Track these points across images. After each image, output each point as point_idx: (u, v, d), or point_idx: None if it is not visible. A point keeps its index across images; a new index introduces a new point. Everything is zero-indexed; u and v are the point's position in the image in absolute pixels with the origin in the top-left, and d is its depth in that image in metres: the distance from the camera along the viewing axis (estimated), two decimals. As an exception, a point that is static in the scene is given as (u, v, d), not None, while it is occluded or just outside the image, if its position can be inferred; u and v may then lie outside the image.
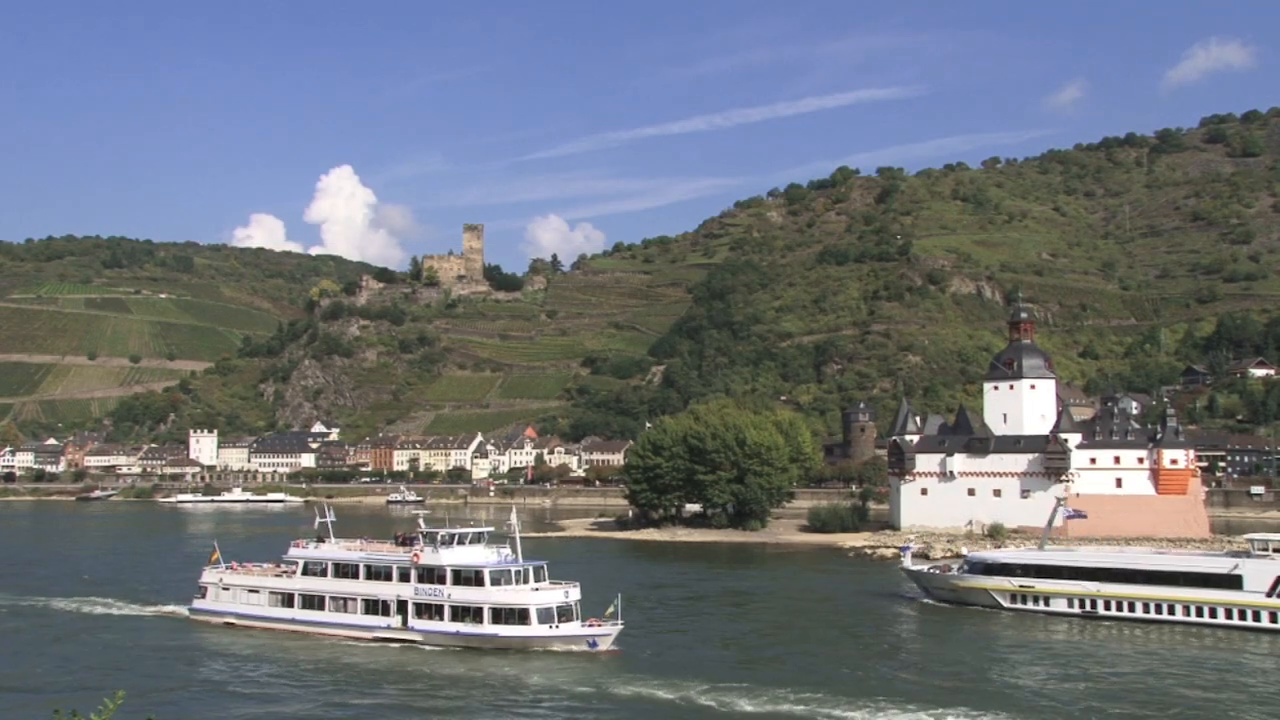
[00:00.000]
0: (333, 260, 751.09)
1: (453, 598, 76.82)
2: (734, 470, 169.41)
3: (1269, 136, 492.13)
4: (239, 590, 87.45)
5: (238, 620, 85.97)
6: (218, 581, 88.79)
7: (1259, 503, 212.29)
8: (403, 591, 78.95)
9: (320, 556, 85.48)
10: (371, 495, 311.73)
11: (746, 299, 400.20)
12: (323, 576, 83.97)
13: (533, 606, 74.68)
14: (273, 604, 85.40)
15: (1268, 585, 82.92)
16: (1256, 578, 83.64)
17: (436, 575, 77.95)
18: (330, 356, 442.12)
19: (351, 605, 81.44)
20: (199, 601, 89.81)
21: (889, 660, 74.27)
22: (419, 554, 79.32)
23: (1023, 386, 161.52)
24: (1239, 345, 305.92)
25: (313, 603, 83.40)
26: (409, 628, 78.30)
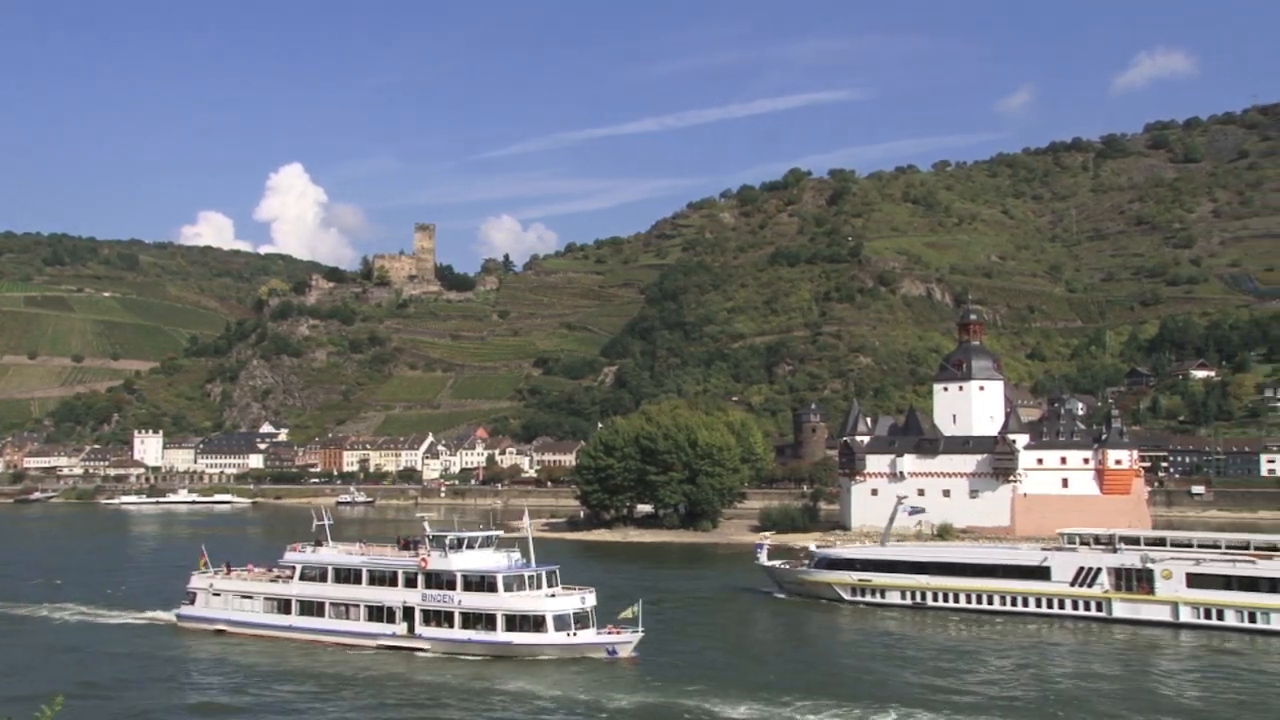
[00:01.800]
0: (282, 259, 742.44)
1: (463, 604, 73.86)
2: (685, 471, 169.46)
3: (1210, 143, 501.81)
4: (231, 596, 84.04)
5: (230, 627, 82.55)
6: (208, 587, 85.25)
7: (1199, 502, 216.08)
8: (409, 597, 75.95)
9: (319, 561, 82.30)
10: (321, 496, 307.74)
11: (698, 300, 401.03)
12: (322, 582, 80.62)
13: (549, 613, 71.94)
14: (268, 610, 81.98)
15: (1071, 575, 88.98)
16: (1062, 569, 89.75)
17: (445, 580, 74.92)
18: (279, 356, 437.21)
19: (354, 612, 78.19)
20: (187, 608, 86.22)
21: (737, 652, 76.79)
22: (426, 558, 76.37)
23: (972, 388, 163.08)
24: (1181, 347, 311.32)
25: (311, 609, 79.95)
26: (416, 635, 75.23)
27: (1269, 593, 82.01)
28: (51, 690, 61.40)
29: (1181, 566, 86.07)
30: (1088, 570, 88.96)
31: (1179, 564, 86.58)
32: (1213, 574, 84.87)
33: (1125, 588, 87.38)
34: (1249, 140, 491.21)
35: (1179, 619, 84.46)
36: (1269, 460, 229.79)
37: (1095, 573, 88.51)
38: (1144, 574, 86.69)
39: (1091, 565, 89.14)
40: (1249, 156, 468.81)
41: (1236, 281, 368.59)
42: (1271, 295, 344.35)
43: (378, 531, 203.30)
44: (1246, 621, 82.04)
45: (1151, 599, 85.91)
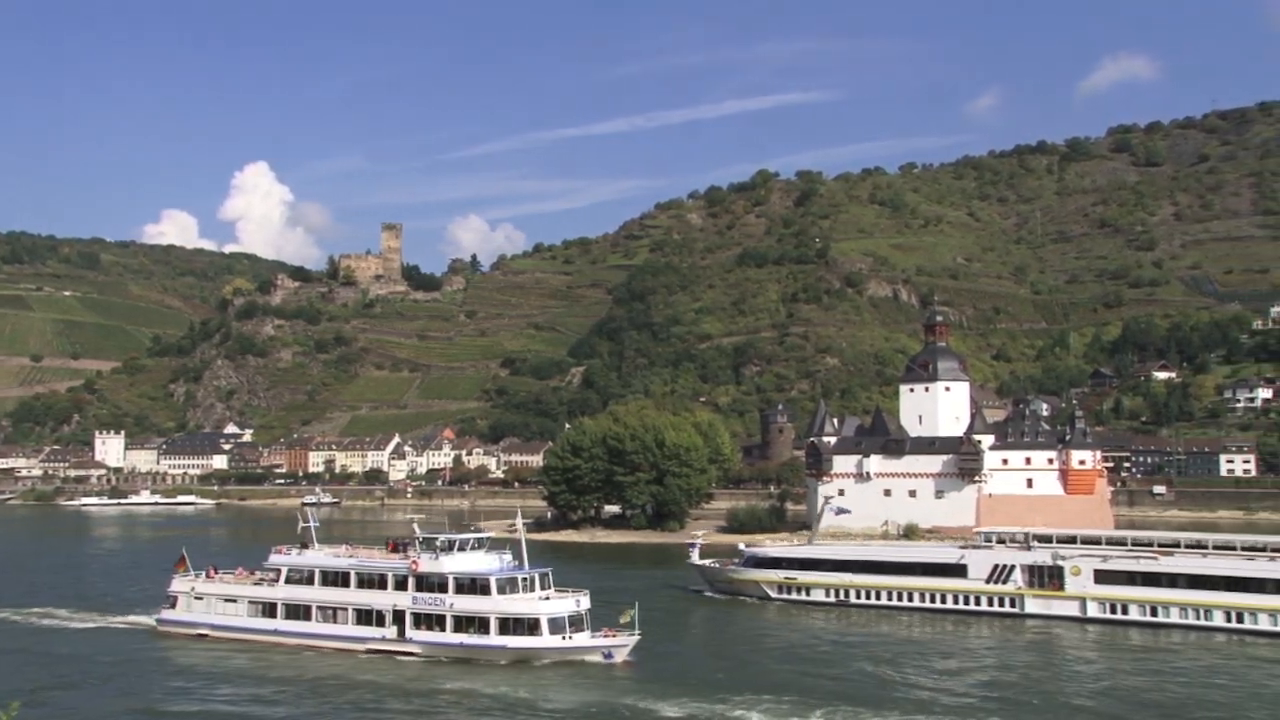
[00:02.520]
0: (247, 258, 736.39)
1: (455, 607, 72.73)
2: (653, 471, 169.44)
3: (1171, 147, 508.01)
4: (214, 599, 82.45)
5: (213, 632, 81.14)
6: (189, 590, 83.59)
7: (1160, 501, 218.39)
8: (399, 600, 74.74)
9: (305, 563, 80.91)
10: (286, 497, 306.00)
11: (666, 300, 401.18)
12: (308, 585, 79.28)
13: (543, 616, 70.91)
14: (252, 614, 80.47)
15: (986, 573, 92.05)
16: (978, 566, 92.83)
17: (437, 583, 73.87)
18: (244, 356, 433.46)
19: (341, 615, 76.99)
20: (168, 611, 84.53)
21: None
22: (417, 561, 75.17)
23: (938, 388, 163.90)
24: (1143, 349, 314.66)
25: (298, 613, 78.63)
26: (406, 639, 74.11)
27: (1169, 588, 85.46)
28: (30, 694, 60.27)
29: (1090, 563, 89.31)
30: (1002, 567, 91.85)
31: (1087, 561, 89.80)
32: (1118, 570, 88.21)
33: (1037, 584, 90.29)
34: (1209, 144, 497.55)
35: (1087, 614, 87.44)
36: (1228, 460, 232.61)
37: (1009, 570, 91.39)
38: (1055, 571, 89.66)
39: (1006, 563, 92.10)
40: (1209, 160, 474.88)
41: (1197, 284, 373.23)
42: (1230, 298, 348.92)
43: (343, 533, 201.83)
44: (1149, 616, 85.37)
45: (1061, 595, 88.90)
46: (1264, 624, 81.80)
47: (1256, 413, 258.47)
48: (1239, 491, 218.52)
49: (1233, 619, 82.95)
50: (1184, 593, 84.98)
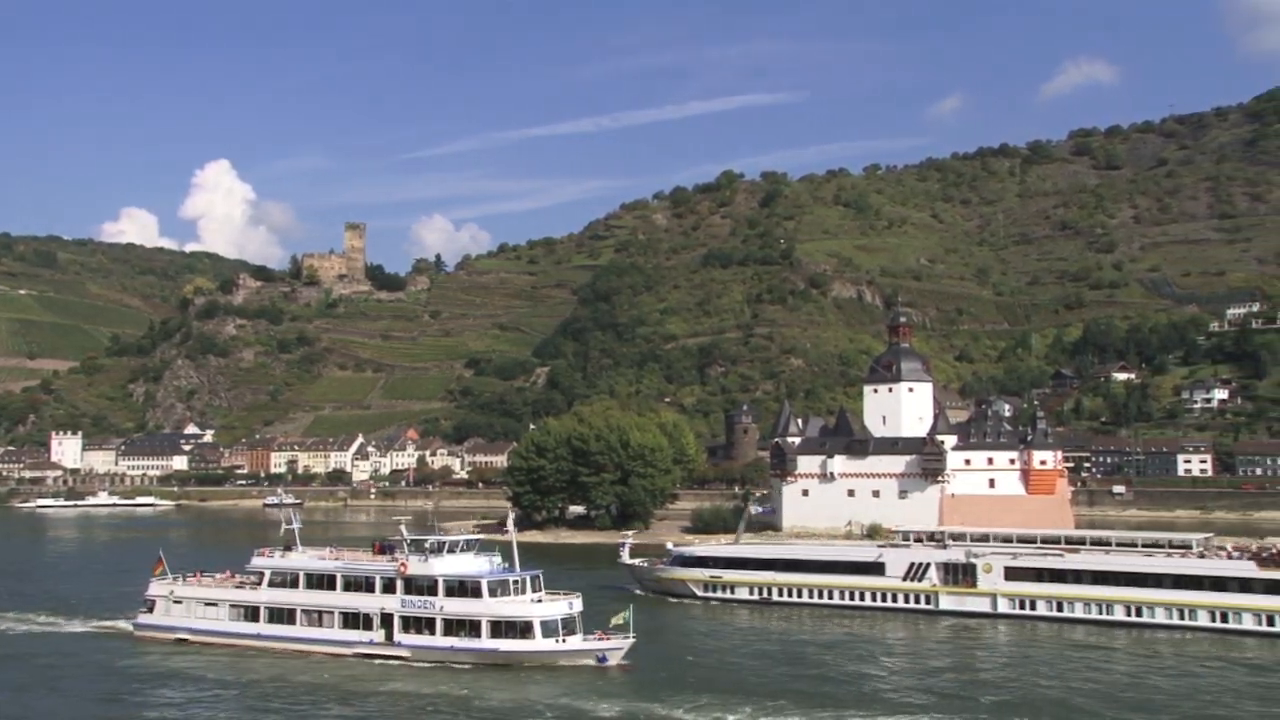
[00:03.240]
0: (208, 257, 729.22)
1: (445, 610, 71.51)
2: (617, 472, 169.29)
3: (1130, 150, 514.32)
4: (194, 603, 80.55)
5: (192, 636, 79.39)
6: (168, 594, 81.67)
7: (1120, 501, 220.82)
8: (387, 604, 73.48)
9: (289, 566, 79.21)
10: (248, 498, 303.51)
11: (631, 301, 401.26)
12: (293, 588, 77.68)
13: (536, 619, 69.94)
14: (234, 618, 78.87)
15: (903, 571, 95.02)
16: (895, 564, 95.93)
17: (427, 586, 72.60)
18: (205, 356, 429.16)
19: (327, 619, 75.55)
20: (145, 616, 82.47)
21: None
22: (406, 563, 73.86)
23: (901, 389, 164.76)
24: (1103, 350, 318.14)
25: (282, 616, 77.15)
26: (395, 643, 72.85)
27: (1074, 584, 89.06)
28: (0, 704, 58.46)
29: (1000, 561, 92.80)
30: (918, 565, 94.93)
31: (999, 558, 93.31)
32: (1027, 567, 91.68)
33: (951, 581, 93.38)
34: (1167, 148, 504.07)
35: (997, 610, 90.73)
36: (1185, 461, 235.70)
37: (925, 568, 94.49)
38: (968, 568, 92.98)
39: (921, 561, 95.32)
40: (1167, 164, 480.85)
41: (1155, 286, 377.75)
42: (1188, 300, 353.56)
43: (306, 535, 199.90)
44: (1055, 611, 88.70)
45: (974, 591, 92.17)
46: (1160, 618, 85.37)
47: (1213, 413, 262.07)
48: (1196, 491, 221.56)
49: (1132, 613, 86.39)
50: (1088, 588, 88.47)
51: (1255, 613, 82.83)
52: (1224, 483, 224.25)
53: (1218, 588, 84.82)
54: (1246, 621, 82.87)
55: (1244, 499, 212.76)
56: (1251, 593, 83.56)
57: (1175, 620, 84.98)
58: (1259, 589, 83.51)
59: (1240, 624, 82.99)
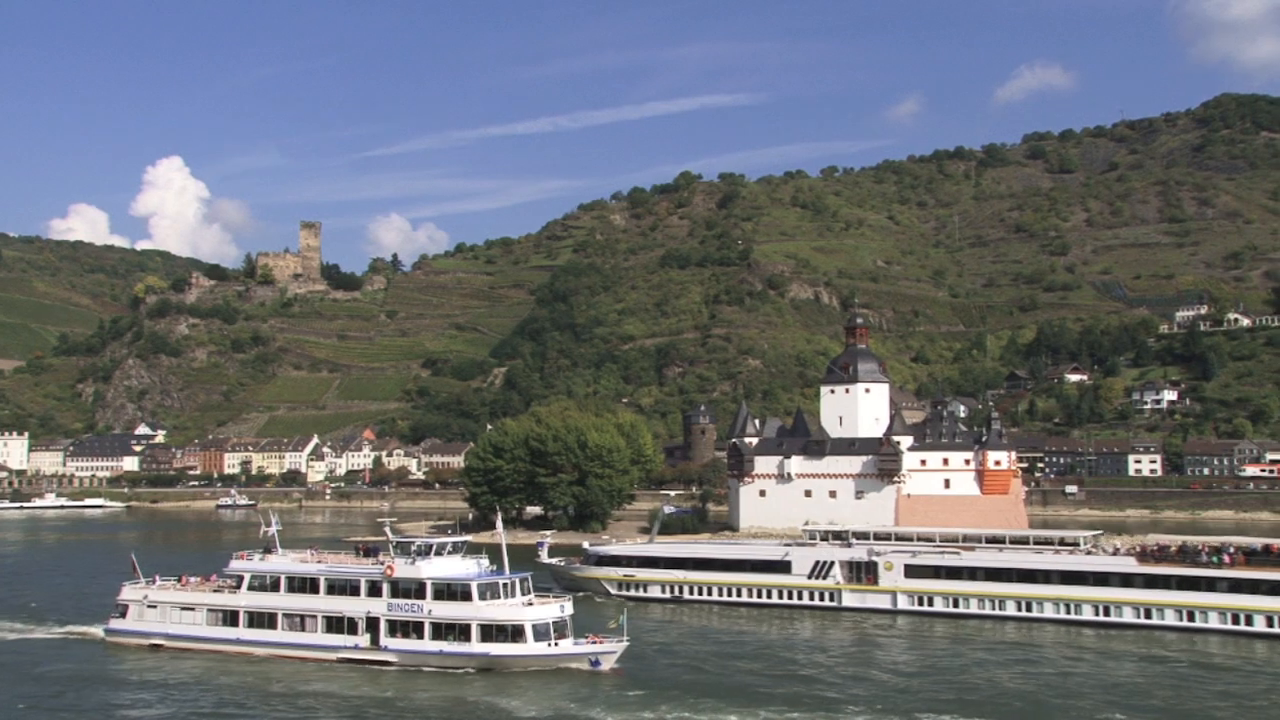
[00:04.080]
0: (160, 256, 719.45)
1: (434, 614, 70.08)
2: (575, 472, 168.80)
3: (1083, 155, 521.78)
4: (169, 608, 78.43)
5: (168, 642, 77.29)
6: (142, 599, 79.36)
7: (1072, 501, 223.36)
8: (373, 607, 71.91)
9: (270, 569, 77.36)
10: (200, 500, 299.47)
11: (589, 301, 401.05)
12: (274, 591, 75.99)
13: (528, 622, 68.53)
14: (212, 623, 76.95)
15: (808, 569, 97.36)
16: (801, 563, 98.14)
17: (414, 589, 71.11)
18: (156, 356, 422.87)
19: (310, 623, 73.81)
20: (117, 621, 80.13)
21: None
22: (392, 566, 72.28)
23: (858, 390, 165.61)
24: (1056, 352, 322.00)
25: (262, 621, 75.31)
26: (381, 647, 71.26)
27: (969, 580, 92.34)
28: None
29: (900, 559, 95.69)
30: (823, 564, 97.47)
31: (899, 557, 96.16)
32: (925, 565, 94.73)
33: (854, 579, 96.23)
34: (1119, 153, 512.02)
35: (897, 606, 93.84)
36: (1135, 461, 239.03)
37: (829, 566, 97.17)
38: (870, 566, 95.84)
39: (826, 559, 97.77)
40: (1118, 169, 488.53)
41: (1107, 289, 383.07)
42: (1139, 302, 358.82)
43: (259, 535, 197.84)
44: (951, 607, 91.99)
45: (875, 589, 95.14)
46: (1049, 612, 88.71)
47: (1162, 414, 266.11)
48: (1146, 491, 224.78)
49: (1023, 608, 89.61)
50: (982, 584, 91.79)
51: (1135, 606, 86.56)
52: (1173, 482, 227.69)
53: (1101, 583, 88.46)
54: (1127, 615, 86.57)
55: (1192, 498, 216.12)
56: (1132, 587, 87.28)
57: (1062, 615, 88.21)
58: (1139, 584, 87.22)
59: (1121, 617, 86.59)
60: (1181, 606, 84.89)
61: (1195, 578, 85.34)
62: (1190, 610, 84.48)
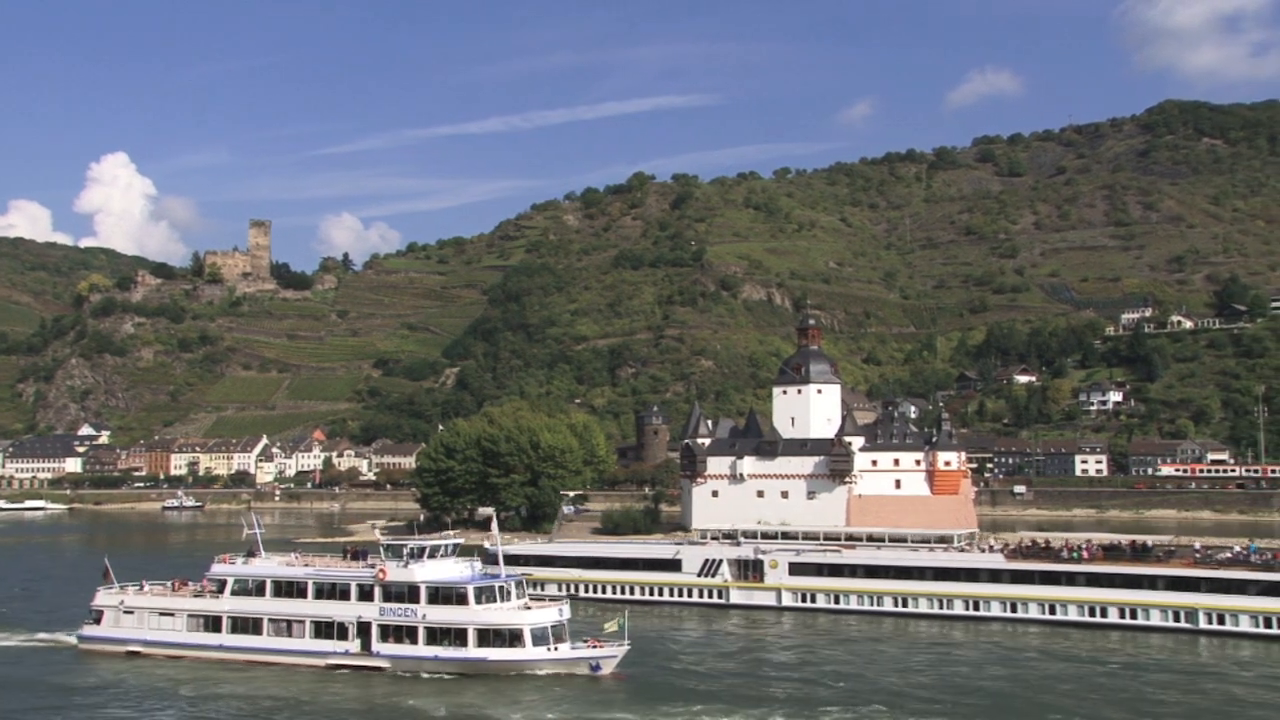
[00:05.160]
0: (105, 253, 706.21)
1: (429, 618, 68.68)
2: (528, 473, 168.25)
3: (1031, 158, 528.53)
4: (147, 614, 76.27)
5: (146, 649, 75.12)
6: (118, 604, 77.03)
7: (1021, 501, 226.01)
8: (364, 611, 70.28)
9: (255, 573, 75.36)
10: (146, 501, 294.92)
11: (542, 302, 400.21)
12: (259, 596, 74.07)
13: (526, 626, 67.45)
14: (193, 629, 74.90)
15: (698, 567, 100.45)
16: (691, 561, 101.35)
17: (407, 593, 69.70)
18: (101, 355, 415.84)
19: (298, 628, 72.10)
20: (91, 628, 77.65)
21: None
22: (385, 569, 70.80)
23: (810, 391, 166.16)
24: (1005, 353, 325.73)
25: (247, 626, 73.44)
26: (373, 653, 69.63)
27: (850, 577, 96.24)
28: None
29: (785, 557, 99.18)
30: (712, 562, 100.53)
31: (784, 555, 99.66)
32: (808, 563, 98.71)
33: (742, 577, 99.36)
34: (1066, 157, 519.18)
35: (782, 603, 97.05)
36: (1082, 461, 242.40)
37: (718, 564, 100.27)
38: (756, 564, 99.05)
39: (715, 557, 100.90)
40: (1066, 173, 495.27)
41: (1055, 291, 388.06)
42: (1086, 304, 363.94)
43: (207, 538, 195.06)
44: (833, 603, 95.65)
45: (761, 586, 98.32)
46: (924, 608, 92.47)
47: (1109, 415, 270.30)
48: (1092, 491, 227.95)
49: (899, 604, 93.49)
50: (861, 581, 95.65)
51: (1002, 601, 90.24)
52: (1118, 482, 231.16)
53: (971, 579, 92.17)
54: (995, 609, 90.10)
55: (1136, 498, 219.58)
56: (1000, 583, 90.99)
57: (936, 610, 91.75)
58: (1006, 579, 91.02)
59: (990, 611, 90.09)
60: (1044, 600, 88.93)
61: (1056, 573, 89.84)
62: (1052, 604, 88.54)
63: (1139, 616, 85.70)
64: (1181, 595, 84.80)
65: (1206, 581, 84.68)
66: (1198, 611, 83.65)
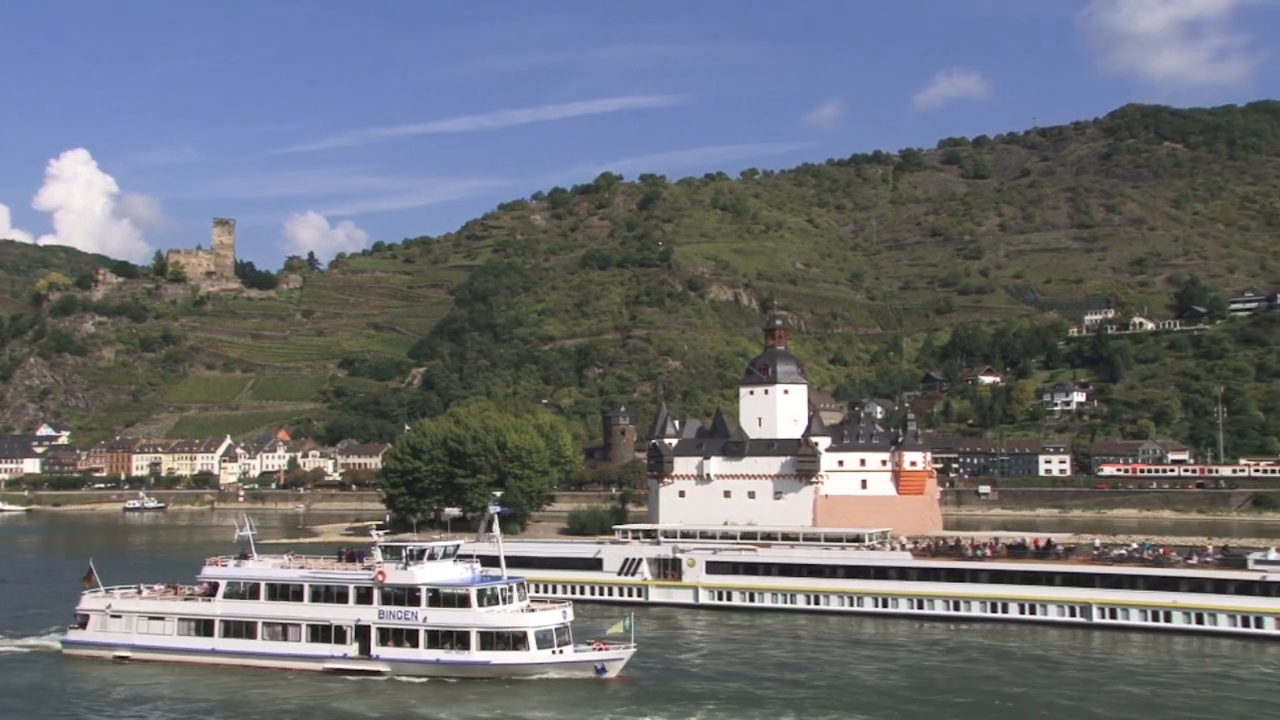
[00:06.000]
0: (65, 251, 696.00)
1: (430, 621, 67.89)
2: (494, 473, 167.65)
3: (996, 161, 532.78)
4: (135, 618, 74.76)
5: (134, 654, 73.70)
6: (104, 608, 75.49)
7: (985, 501, 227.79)
8: (363, 615, 69.33)
9: (249, 576, 74.17)
10: (106, 502, 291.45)
11: (509, 302, 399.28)
12: (253, 599, 72.88)
13: (531, 629, 66.73)
14: (184, 633, 73.52)
15: (619, 566, 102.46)
16: (612, 560, 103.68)
17: (408, 595, 68.78)
18: (60, 355, 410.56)
19: (293, 632, 70.99)
20: (77, 633, 76.14)
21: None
22: (384, 571, 69.82)
23: (776, 391, 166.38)
24: (970, 354, 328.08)
25: (240, 630, 72.20)
26: (372, 657, 68.75)
27: (764, 575, 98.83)
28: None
29: (703, 556, 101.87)
30: (632, 561, 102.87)
31: (701, 554, 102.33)
32: (724, 561, 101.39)
33: (661, 575, 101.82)
34: (1030, 160, 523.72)
35: (699, 601, 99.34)
36: (1045, 461, 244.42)
37: (638, 563, 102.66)
38: (674, 563, 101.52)
39: (635, 556, 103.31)
40: (1030, 175, 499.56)
41: (1019, 292, 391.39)
42: (1049, 306, 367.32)
43: (170, 539, 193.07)
44: (748, 601, 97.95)
45: (679, 585, 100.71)
46: (834, 605, 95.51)
47: (1072, 415, 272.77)
48: (1055, 490, 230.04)
49: (811, 601, 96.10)
50: (775, 580, 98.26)
51: (909, 598, 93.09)
52: (1080, 482, 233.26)
53: (880, 576, 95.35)
54: (902, 606, 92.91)
55: (1098, 497, 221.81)
56: (907, 580, 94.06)
57: (846, 607, 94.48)
58: (914, 576, 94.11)
59: (897, 608, 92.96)
60: (949, 597, 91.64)
61: (960, 570, 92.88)
62: (956, 600, 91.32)
63: (1038, 612, 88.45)
64: (1076, 591, 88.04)
65: (1100, 577, 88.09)
66: (1091, 606, 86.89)
